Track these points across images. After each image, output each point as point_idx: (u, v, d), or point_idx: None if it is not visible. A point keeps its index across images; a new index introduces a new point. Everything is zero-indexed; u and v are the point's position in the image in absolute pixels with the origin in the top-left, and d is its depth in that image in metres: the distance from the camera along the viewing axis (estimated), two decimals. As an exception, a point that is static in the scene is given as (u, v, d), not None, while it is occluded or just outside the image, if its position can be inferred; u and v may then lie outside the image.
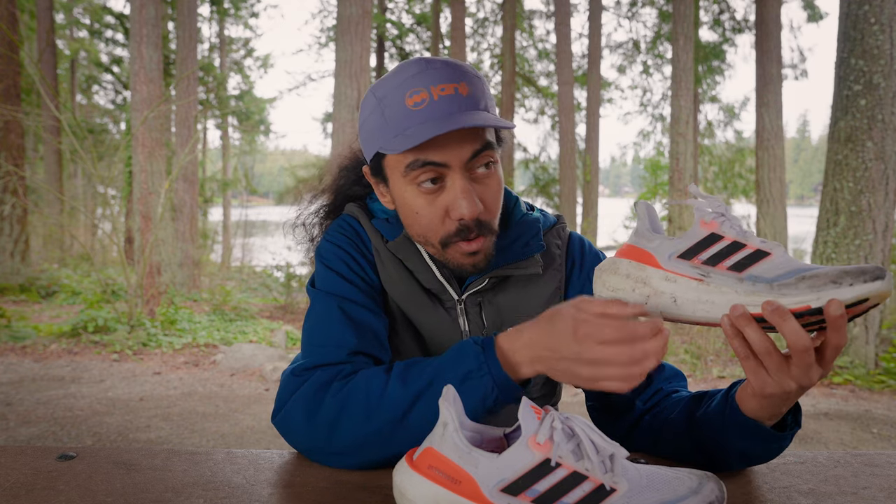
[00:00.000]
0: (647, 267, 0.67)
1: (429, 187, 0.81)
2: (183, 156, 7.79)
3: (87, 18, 15.57)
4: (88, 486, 0.69)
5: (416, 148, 0.78)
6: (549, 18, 15.29)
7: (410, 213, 0.84)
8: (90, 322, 5.55)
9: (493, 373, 0.70)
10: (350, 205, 0.96)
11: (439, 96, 0.78)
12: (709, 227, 0.65)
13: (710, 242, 0.65)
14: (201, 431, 3.38)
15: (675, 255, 0.66)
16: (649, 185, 13.38)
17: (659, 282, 0.66)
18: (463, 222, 0.81)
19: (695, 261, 0.65)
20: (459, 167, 0.80)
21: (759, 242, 0.64)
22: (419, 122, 0.77)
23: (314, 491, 0.70)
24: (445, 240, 0.83)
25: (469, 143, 0.79)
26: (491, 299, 0.91)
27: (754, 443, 0.72)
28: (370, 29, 6.42)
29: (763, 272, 0.62)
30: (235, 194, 16.61)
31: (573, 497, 0.58)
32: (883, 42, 4.62)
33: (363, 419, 0.73)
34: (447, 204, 0.81)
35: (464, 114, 0.77)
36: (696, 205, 0.67)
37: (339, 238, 0.91)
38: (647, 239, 0.69)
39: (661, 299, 0.65)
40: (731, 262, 0.63)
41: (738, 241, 0.64)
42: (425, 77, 0.79)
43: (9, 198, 7.44)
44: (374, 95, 0.83)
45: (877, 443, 3.31)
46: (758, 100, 9.12)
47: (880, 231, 4.72)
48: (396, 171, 0.83)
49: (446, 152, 0.79)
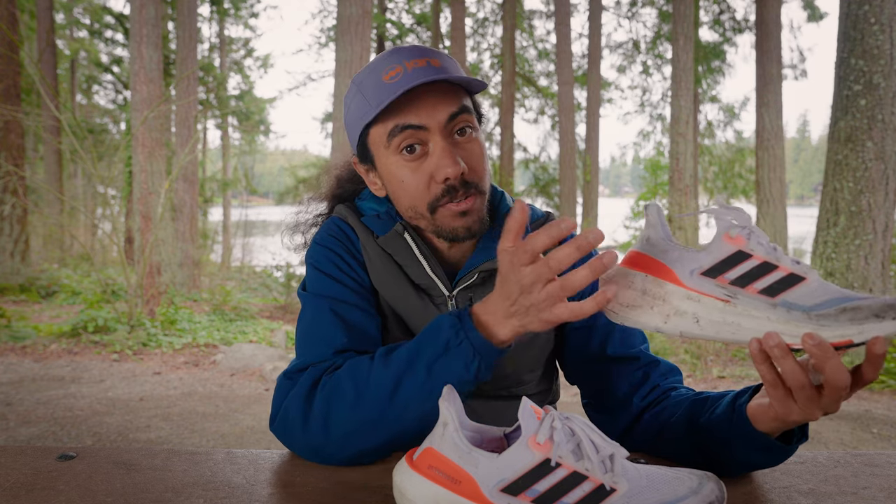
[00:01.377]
0: (666, 283, 0.62)
1: (411, 154, 0.83)
2: (183, 156, 7.79)
3: (87, 18, 15.57)
4: (88, 486, 0.69)
5: (395, 113, 0.81)
6: (549, 18, 15.30)
7: (397, 184, 0.86)
8: (90, 322, 5.55)
9: (471, 339, 0.70)
10: (339, 206, 0.96)
11: (413, 68, 0.81)
12: (735, 242, 0.60)
13: (737, 260, 0.59)
14: (201, 431, 3.38)
15: (697, 271, 0.61)
16: (649, 185, 13.39)
17: (680, 301, 0.61)
18: (449, 182, 0.82)
19: (721, 280, 0.60)
20: (438, 129, 0.82)
21: (792, 264, 0.59)
22: (395, 90, 0.80)
23: (314, 491, 0.70)
24: (433, 204, 0.84)
25: (444, 106, 0.82)
26: (481, 294, 0.91)
27: (760, 454, 0.71)
28: (370, 29, 6.42)
29: (798, 299, 0.58)
30: (235, 194, 16.61)
31: (573, 497, 0.58)
32: (883, 42, 4.62)
33: (352, 406, 0.74)
34: (431, 169, 0.83)
35: (435, 76, 0.80)
36: (717, 214, 0.62)
37: (328, 240, 0.92)
38: (664, 250, 0.63)
39: (681, 319, 0.61)
40: (763, 286, 0.59)
41: (768, 261, 0.59)
42: (398, 55, 0.83)
43: (9, 198, 7.44)
44: (353, 84, 0.87)
45: (877, 443, 3.31)
46: (758, 100, 9.13)
47: (880, 231, 4.72)
48: (380, 145, 0.85)
49: (423, 114, 0.81)
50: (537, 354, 0.95)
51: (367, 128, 0.86)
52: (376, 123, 0.84)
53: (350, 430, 0.74)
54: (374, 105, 0.82)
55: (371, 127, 0.85)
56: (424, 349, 0.73)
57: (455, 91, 0.83)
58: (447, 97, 0.82)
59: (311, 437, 0.76)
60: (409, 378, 0.72)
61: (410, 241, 0.89)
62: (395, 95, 0.79)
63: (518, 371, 0.93)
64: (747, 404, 0.71)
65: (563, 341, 0.97)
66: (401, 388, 0.72)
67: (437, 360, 0.71)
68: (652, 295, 0.62)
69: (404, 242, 0.89)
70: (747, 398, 0.72)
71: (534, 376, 0.96)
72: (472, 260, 0.90)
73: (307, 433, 0.76)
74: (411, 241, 0.89)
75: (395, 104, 0.81)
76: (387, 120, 0.82)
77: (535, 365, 0.95)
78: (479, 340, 0.70)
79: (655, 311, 0.62)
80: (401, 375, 0.73)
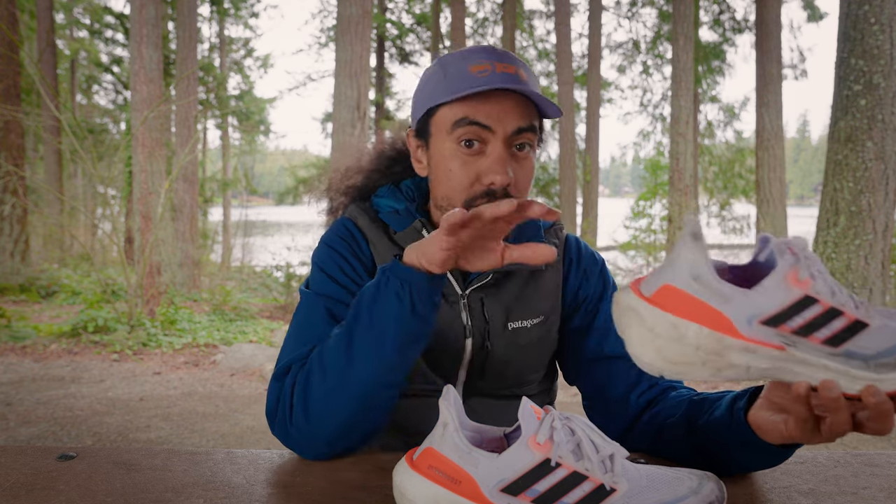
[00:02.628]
0: (725, 337, 0.52)
1: (468, 148, 0.84)
2: (183, 156, 7.79)
3: (87, 18, 15.57)
4: (88, 486, 0.69)
5: (469, 106, 0.83)
6: (549, 18, 15.30)
7: (445, 170, 0.87)
8: (90, 322, 5.55)
9: (398, 274, 0.73)
10: (351, 206, 0.97)
11: (502, 71, 0.83)
12: (802, 286, 0.52)
13: (802, 307, 0.52)
14: (201, 431, 3.38)
15: (757, 319, 0.52)
16: (649, 185, 13.38)
17: (737, 354, 0.53)
18: (492, 187, 0.83)
19: (782, 329, 0.53)
20: (502, 136, 0.83)
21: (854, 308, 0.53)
22: (479, 84, 0.81)
23: (314, 491, 0.70)
24: (470, 202, 0.85)
25: (517, 117, 0.83)
26: (494, 294, 0.91)
27: (759, 457, 0.71)
28: (370, 29, 6.42)
29: (860, 347, 0.53)
30: (235, 194, 16.61)
31: (573, 497, 0.58)
32: (883, 42, 4.62)
33: (320, 380, 0.76)
34: (481, 170, 0.84)
35: (520, 87, 0.81)
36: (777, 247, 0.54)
37: (335, 241, 0.93)
38: (719, 294, 0.53)
39: (733, 371, 0.53)
40: (827, 335, 0.53)
41: (835, 307, 0.52)
42: (491, 54, 0.85)
43: (9, 198, 7.43)
44: (438, 62, 0.89)
45: (877, 443, 3.31)
46: (758, 100, 9.13)
47: (880, 231, 4.72)
48: (442, 128, 0.86)
49: (494, 117, 0.82)
50: (542, 354, 0.96)
51: (436, 108, 0.87)
52: (447, 106, 0.85)
53: (323, 405, 0.76)
54: (452, 89, 0.83)
55: (439, 108, 0.86)
56: (363, 299, 0.76)
57: (529, 107, 0.85)
58: (521, 110, 0.83)
59: (299, 427, 0.77)
60: (357, 330, 0.75)
61: None
62: (478, 89, 0.80)
63: (523, 371, 0.94)
64: (749, 412, 0.69)
65: (562, 341, 0.97)
66: (353, 343, 0.75)
67: (375, 303, 0.74)
68: (707, 350, 0.53)
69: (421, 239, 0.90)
70: (745, 402, 0.71)
71: (537, 376, 0.96)
72: None
73: (295, 426, 0.77)
74: None
75: (472, 97, 0.82)
76: (458, 108, 0.84)
77: (540, 365, 0.96)
78: (406, 271, 0.73)
79: (707, 367, 0.54)
80: (350, 330, 0.76)
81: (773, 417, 0.66)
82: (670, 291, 0.54)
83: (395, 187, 0.97)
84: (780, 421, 0.65)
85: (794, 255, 0.53)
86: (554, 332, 0.96)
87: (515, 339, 0.91)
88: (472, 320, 0.91)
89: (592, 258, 1.00)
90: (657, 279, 0.55)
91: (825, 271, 0.54)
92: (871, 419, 0.55)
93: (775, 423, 0.65)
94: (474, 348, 0.90)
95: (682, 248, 0.54)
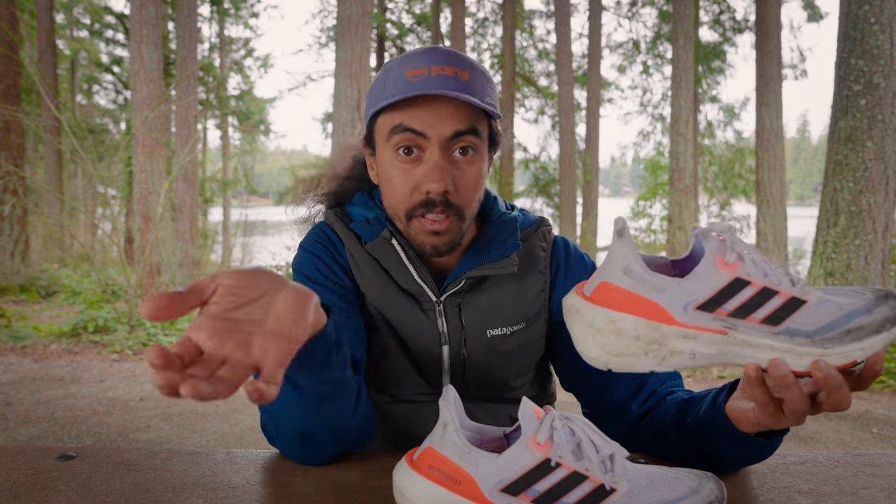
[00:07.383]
0: (661, 325, 0.54)
1: (405, 156, 0.83)
2: (183, 156, 7.79)
3: (87, 18, 15.56)
4: (88, 486, 0.69)
5: (403, 112, 0.81)
6: (549, 18, 15.29)
7: (387, 181, 0.86)
8: (90, 322, 5.55)
9: None
10: (327, 212, 0.96)
11: (437, 74, 0.80)
12: (730, 269, 0.54)
13: (734, 290, 0.54)
14: (201, 431, 3.38)
15: (692, 305, 0.54)
16: (649, 185, 13.39)
17: (677, 341, 0.55)
18: (429, 196, 0.82)
19: (719, 313, 0.54)
20: (438, 142, 0.81)
21: (790, 285, 0.54)
22: (409, 90, 0.80)
23: (314, 491, 0.70)
24: (410, 212, 0.84)
25: (452, 122, 0.81)
26: (470, 301, 0.90)
27: (746, 451, 0.72)
28: (370, 29, 6.42)
29: (801, 324, 0.54)
30: (235, 194, 16.60)
31: (573, 497, 0.58)
32: (883, 42, 4.62)
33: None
34: (419, 178, 0.82)
35: (452, 91, 0.79)
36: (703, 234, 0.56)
37: (314, 245, 0.92)
38: (650, 284, 0.55)
39: (678, 358, 0.55)
40: (765, 314, 0.54)
41: (768, 287, 0.54)
42: (429, 57, 0.82)
43: (9, 198, 7.43)
44: (383, 68, 0.87)
45: (877, 443, 3.31)
46: (758, 100, 9.12)
47: (880, 231, 4.73)
48: (382, 135, 0.85)
49: (428, 123, 0.80)
50: (525, 360, 0.94)
51: (377, 115, 0.86)
52: (385, 114, 0.84)
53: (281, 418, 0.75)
54: (387, 95, 0.82)
55: (379, 115, 0.85)
56: None
57: (471, 110, 0.82)
58: (459, 113, 0.81)
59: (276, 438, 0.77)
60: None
61: (398, 248, 0.89)
62: (406, 95, 0.79)
63: (507, 378, 0.93)
64: (726, 404, 0.70)
65: (559, 350, 0.96)
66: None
67: None
68: (646, 340, 0.55)
69: (392, 248, 0.89)
70: (725, 397, 0.72)
71: (523, 381, 0.95)
72: (460, 266, 0.89)
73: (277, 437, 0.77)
74: (399, 248, 0.89)
75: (405, 103, 0.81)
76: (394, 115, 0.82)
77: (524, 370, 0.95)
78: None
79: (651, 357, 0.56)
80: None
81: (744, 405, 0.67)
82: (607, 288, 0.56)
83: (368, 195, 0.97)
84: (749, 409, 0.66)
85: (720, 239, 0.55)
86: (538, 338, 0.94)
87: (495, 345, 0.90)
88: (447, 327, 0.90)
89: (581, 261, 0.98)
90: (596, 279, 0.58)
91: (755, 252, 0.55)
92: (827, 395, 0.56)
93: (745, 410, 0.67)
94: (452, 355, 0.90)
95: (612, 246, 0.57)
